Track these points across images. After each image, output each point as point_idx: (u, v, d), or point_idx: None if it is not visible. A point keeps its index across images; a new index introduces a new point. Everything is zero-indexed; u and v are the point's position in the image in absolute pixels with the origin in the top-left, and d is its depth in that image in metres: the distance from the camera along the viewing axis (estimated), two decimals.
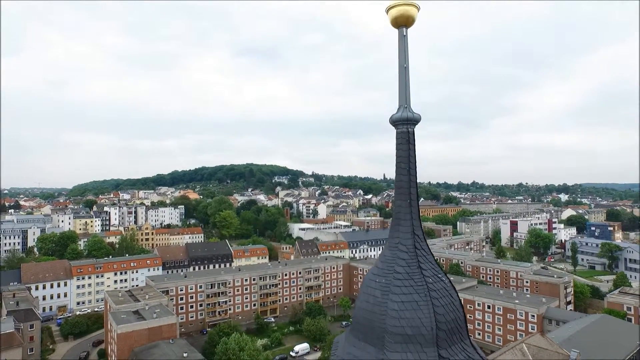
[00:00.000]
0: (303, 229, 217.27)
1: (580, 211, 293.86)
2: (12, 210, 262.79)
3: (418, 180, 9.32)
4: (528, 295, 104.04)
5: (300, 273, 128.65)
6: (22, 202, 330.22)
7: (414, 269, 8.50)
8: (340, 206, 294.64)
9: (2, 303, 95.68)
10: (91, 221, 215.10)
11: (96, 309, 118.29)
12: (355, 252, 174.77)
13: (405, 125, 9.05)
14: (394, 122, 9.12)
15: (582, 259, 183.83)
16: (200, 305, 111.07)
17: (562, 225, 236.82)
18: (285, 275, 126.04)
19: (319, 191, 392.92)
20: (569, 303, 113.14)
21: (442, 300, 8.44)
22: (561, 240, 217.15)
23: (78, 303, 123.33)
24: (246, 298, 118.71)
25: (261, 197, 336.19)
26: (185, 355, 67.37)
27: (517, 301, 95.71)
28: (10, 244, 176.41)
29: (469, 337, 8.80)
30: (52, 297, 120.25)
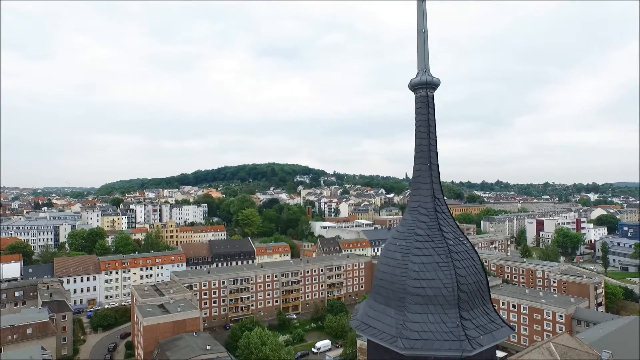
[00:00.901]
0: (325, 227, 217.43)
1: (612, 211, 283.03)
2: (45, 208, 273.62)
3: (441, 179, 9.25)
4: (555, 295, 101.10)
5: (322, 270, 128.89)
6: (54, 201, 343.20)
7: (434, 232, 8.44)
8: (362, 205, 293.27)
9: (37, 294, 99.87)
10: (118, 218, 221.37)
11: (123, 303, 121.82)
12: (377, 251, 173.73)
13: (424, 89, 8.99)
14: (413, 86, 9.08)
15: (614, 260, 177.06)
16: (223, 300, 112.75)
17: (591, 225, 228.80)
18: (307, 272, 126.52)
19: (340, 190, 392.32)
20: (599, 305, 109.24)
21: (464, 263, 8.34)
22: (590, 241, 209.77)
23: (106, 297, 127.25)
24: (268, 294, 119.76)
25: (283, 196, 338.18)
26: (208, 347, 68.56)
27: (543, 301, 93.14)
28: (44, 239, 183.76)
29: (491, 302, 8.66)
30: (82, 291, 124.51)
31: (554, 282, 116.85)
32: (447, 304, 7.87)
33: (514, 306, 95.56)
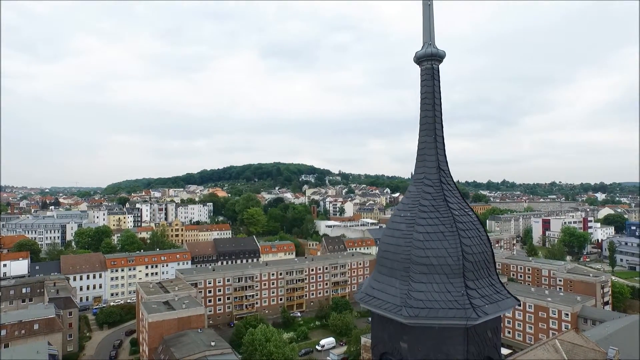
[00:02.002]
0: (330, 226, 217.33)
1: (619, 210, 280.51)
2: (53, 207, 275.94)
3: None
4: (561, 294, 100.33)
5: (326, 268, 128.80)
6: (61, 200, 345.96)
7: (439, 202, 8.35)
8: (367, 204, 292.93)
9: (44, 290, 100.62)
10: (124, 217, 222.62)
11: (129, 300, 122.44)
12: None
13: (430, 62, 8.92)
14: (419, 58, 9.01)
15: (621, 260, 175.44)
16: (228, 298, 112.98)
17: (598, 225, 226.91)
18: (312, 270, 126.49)
19: (345, 189, 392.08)
20: (606, 303, 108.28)
21: (469, 233, 8.26)
22: (598, 240, 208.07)
23: (112, 294, 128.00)
24: (273, 292, 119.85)
25: (288, 195, 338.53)
26: (212, 344, 68.69)
27: (549, 299, 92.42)
28: (51, 237, 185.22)
29: (497, 274, 8.56)
30: (88, 288, 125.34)
31: (560, 280, 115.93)
32: (452, 273, 7.78)
33: (519, 304, 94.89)
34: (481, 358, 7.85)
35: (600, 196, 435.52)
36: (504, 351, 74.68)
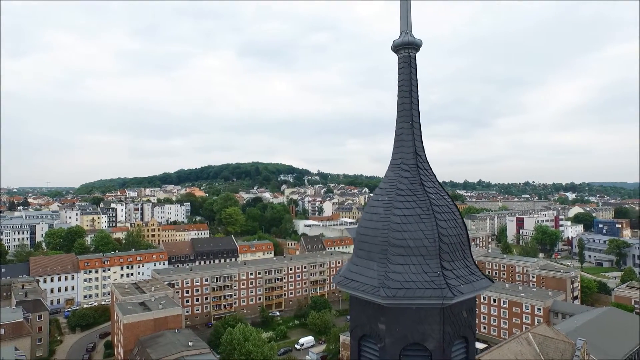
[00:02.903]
0: (308, 226, 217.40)
1: (588, 209, 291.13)
2: (21, 207, 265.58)
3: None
4: (534, 289, 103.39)
5: (305, 267, 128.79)
6: (30, 200, 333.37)
7: (416, 186, 8.51)
8: (345, 204, 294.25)
9: (11, 294, 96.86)
10: (98, 217, 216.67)
11: (103, 302, 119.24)
12: None
13: (407, 50, 9.08)
14: (396, 47, 9.16)
15: (589, 256, 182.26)
16: (206, 298, 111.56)
17: (569, 223, 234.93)
18: (291, 269, 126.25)
19: (324, 189, 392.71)
20: (575, 298, 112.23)
21: (445, 216, 8.45)
22: (568, 237, 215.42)
23: (85, 296, 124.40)
24: (251, 292, 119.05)
25: (267, 195, 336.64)
26: (190, 344, 67.74)
27: (523, 295, 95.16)
28: (19, 239, 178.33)
29: (472, 257, 8.79)
30: (59, 290, 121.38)
31: (533, 277, 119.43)
32: (429, 254, 7.94)
33: (494, 300, 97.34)
34: (457, 337, 8.04)
35: (571, 195, 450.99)
36: (479, 346, 76.44)
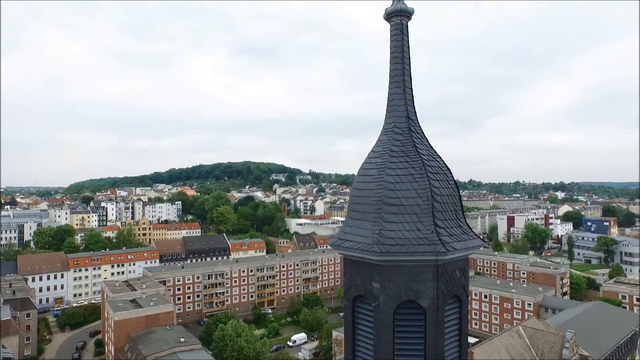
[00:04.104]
0: (300, 224, 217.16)
1: (577, 207, 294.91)
2: (8, 207, 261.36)
3: None
4: (525, 285, 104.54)
5: (297, 265, 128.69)
6: (18, 199, 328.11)
7: (409, 148, 8.58)
8: (337, 202, 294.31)
9: None
10: (88, 216, 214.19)
11: (93, 301, 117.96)
12: None
13: (399, 17, 9.16)
14: (388, 14, 9.24)
15: (578, 253, 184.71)
16: (198, 296, 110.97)
17: (558, 221, 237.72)
18: (283, 267, 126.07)
19: (316, 188, 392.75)
20: (565, 294, 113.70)
21: (438, 176, 8.53)
22: (558, 235, 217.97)
23: (75, 295, 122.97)
24: (243, 289, 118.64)
25: (258, 194, 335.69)
26: (182, 340, 67.33)
27: (513, 290, 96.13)
28: (6, 238, 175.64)
29: (464, 218, 8.89)
30: (48, 289, 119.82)
31: (524, 273, 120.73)
32: (422, 212, 8.02)
33: (485, 296, 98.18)
34: (450, 296, 8.13)
35: (560, 195, 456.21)
36: (471, 340, 77.05)
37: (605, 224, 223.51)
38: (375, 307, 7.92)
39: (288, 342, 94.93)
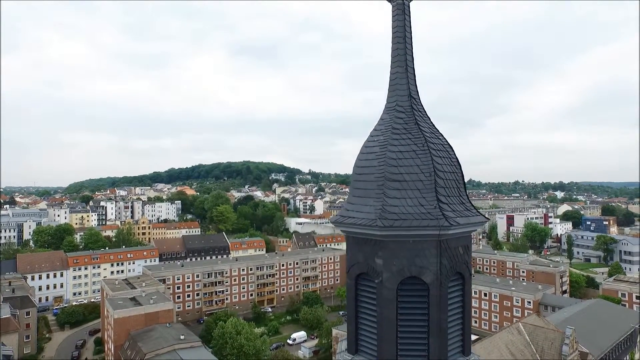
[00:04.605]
0: (300, 223, 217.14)
1: (576, 207, 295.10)
2: (8, 206, 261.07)
3: None
4: (524, 283, 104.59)
5: (297, 264, 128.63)
6: (17, 199, 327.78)
7: (411, 125, 8.58)
8: (337, 202, 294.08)
9: None
10: (87, 216, 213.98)
11: (92, 300, 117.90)
12: None
13: None
14: None
15: (578, 252, 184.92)
16: (197, 294, 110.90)
17: (558, 220, 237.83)
18: (283, 265, 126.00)
19: (316, 188, 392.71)
20: (564, 292, 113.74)
21: (440, 153, 8.53)
22: (557, 234, 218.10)
23: (74, 294, 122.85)
24: (243, 288, 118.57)
25: (258, 194, 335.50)
26: (182, 337, 67.32)
27: (513, 288, 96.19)
28: (5, 237, 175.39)
29: (467, 196, 8.88)
30: (48, 288, 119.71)
31: (523, 271, 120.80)
32: (425, 188, 8.01)
33: (485, 294, 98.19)
34: (453, 273, 8.12)
35: (560, 194, 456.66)
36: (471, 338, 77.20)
37: (604, 223, 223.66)
38: (378, 283, 7.91)
39: (288, 341, 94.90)
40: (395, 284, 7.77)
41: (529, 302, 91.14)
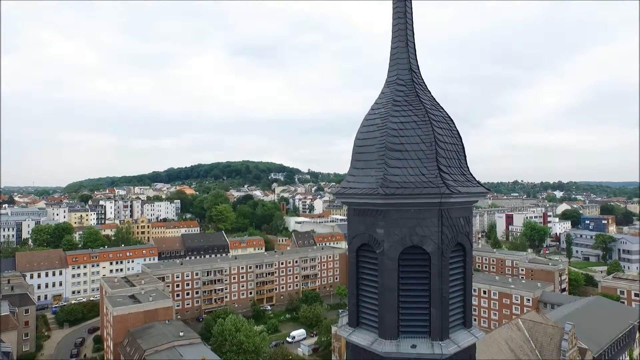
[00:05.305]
0: (299, 222, 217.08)
1: (575, 206, 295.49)
2: (6, 205, 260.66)
3: None
4: (523, 281, 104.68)
5: (296, 262, 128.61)
6: (16, 199, 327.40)
7: (412, 97, 8.60)
8: (336, 201, 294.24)
9: None
10: (86, 215, 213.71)
11: (92, 298, 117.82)
12: None
13: None
14: None
15: (577, 251, 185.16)
16: (197, 292, 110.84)
17: (557, 219, 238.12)
18: (282, 264, 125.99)
19: (315, 187, 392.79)
20: (563, 290, 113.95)
21: (441, 124, 8.55)
22: (556, 233, 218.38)
23: (73, 292, 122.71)
24: (242, 286, 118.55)
25: (257, 193, 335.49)
26: (181, 334, 67.29)
27: (512, 286, 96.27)
28: (4, 236, 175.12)
29: (468, 168, 8.89)
30: (47, 286, 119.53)
31: (522, 270, 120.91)
32: (426, 158, 8.02)
33: (484, 292, 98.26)
34: (454, 242, 8.13)
35: (559, 194, 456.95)
36: None
37: (603, 222, 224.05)
38: (379, 253, 7.91)
39: (287, 338, 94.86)
40: (396, 253, 7.77)
41: (528, 300, 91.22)
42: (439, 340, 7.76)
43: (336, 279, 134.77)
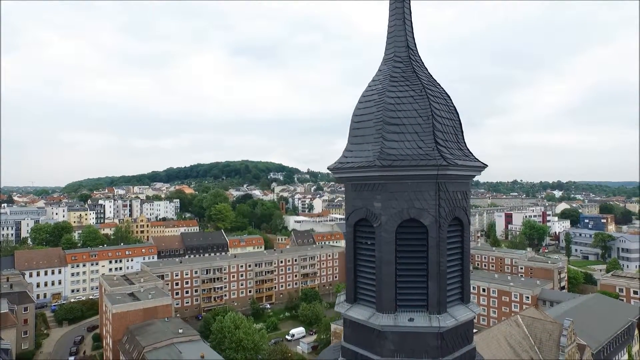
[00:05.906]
0: (299, 222, 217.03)
1: (574, 205, 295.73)
2: (6, 204, 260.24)
3: None
4: (523, 279, 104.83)
5: (295, 260, 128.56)
6: (15, 198, 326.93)
7: (409, 73, 8.63)
8: (335, 200, 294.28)
9: None
10: (85, 214, 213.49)
11: (91, 297, 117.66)
12: None
13: None
14: None
15: (576, 250, 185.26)
16: (196, 290, 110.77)
17: (556, 218, 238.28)
18: (281, 262, 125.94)
19: (314, 187, 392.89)
20: (562, 288, 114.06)
21: (438, 100, 8.58)
22: (555, 232, 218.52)
23: (72, 290, 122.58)
24: (242, 284, 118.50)
25: (257, 192, 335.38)
26: (180, 331, 67.27)
27: (512, 284, 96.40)
28: (3, 234, 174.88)
29: (465, 144, 8.92)
30: (46, 285, 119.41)
31: (522, 268, 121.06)
32: (423, 132, 8.05)
33: (483, 290, 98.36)
34: (451, 216, 8.15)
35: (558, 193, 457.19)
36: None
37: (602, 221, 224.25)
38: (377, 227, 7.93)
39: (287, 336, 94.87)
40: (394, 226, 7.79)
41: (527, 297, 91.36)
42: (437, 313, 7.78)
43: (335, 277, 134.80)
